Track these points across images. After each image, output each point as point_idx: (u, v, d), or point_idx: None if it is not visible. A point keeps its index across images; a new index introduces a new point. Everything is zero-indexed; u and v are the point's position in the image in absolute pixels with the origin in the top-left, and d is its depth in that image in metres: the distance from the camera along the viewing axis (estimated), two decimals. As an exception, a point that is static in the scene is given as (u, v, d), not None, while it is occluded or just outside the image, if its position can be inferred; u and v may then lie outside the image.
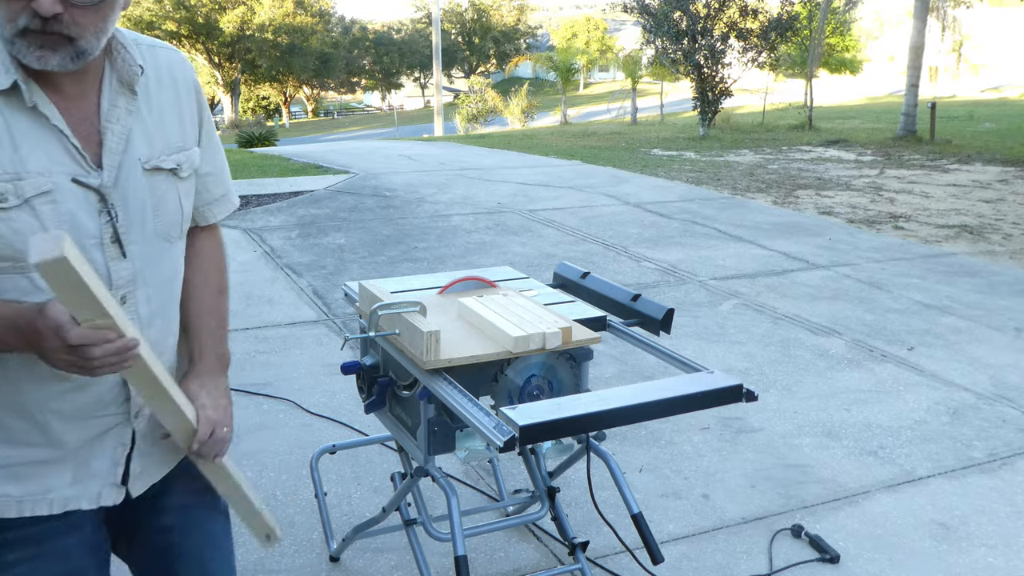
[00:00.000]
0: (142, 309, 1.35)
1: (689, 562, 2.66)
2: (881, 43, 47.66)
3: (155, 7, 41.78)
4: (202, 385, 1.47)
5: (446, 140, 19.49)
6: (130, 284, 1.33)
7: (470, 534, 2.21)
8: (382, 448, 3.30)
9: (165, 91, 1.38)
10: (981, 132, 18.72)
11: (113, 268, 1.30)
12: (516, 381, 1.92)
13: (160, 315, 1.39)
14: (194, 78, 1.45)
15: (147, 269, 1.35)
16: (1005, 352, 4.61)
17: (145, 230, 1.33)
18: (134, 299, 1.34)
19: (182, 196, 1.40)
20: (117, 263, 1.30)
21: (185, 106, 1.41)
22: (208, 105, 1.51)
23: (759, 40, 19.15)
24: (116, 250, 1.29)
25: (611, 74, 58.73)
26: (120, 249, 1.30)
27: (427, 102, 55.62)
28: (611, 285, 2.44)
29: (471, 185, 9.73)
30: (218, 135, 1.54)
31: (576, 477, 2.99)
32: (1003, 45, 41.75)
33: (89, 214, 1.26)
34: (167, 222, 1.37)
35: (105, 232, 1.28)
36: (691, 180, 10.74)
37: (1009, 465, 3.34)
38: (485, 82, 37.15)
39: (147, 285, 1.35)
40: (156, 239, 1.36)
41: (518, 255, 6.50)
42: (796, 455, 3.39)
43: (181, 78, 1.41)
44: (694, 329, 4.90)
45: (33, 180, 1.20)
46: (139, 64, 1.32)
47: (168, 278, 1.41)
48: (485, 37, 60.67)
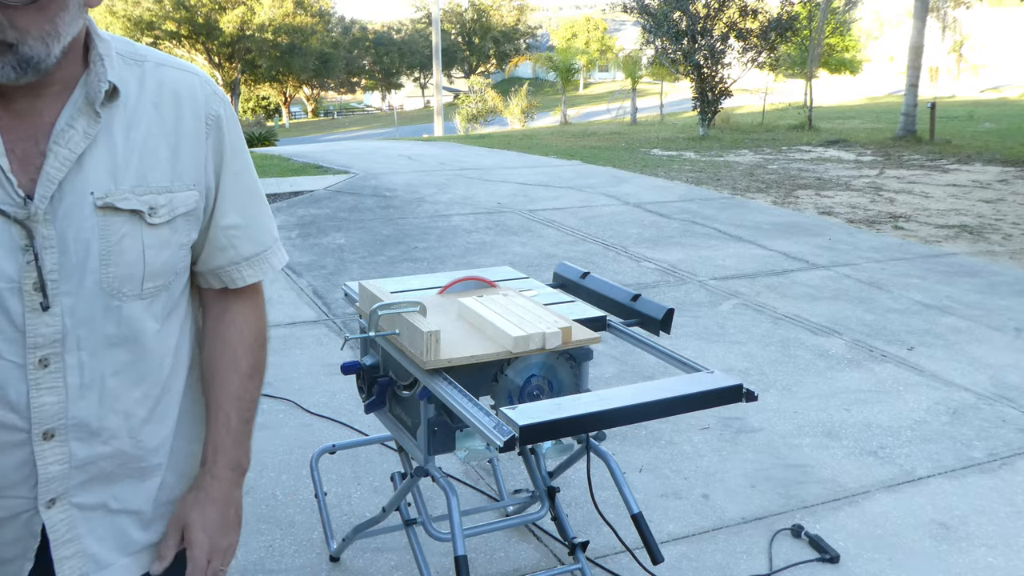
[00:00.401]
0: (71, 378, 1.09)
1: (689, 562, 2.66)
2: (881, 43, 47.68)
3: (155, 7, 41.78)
4: (203, 509, 1.24)
5: (446, 140, 19.49)
6: (55, 344, 1.07)
7: (470, 534, 2.21)
8: (382, 448, 3.30)
9: (161, 118, 1.15)
10: (981, 132, 18.73)
11: (30, 321, 1.05)
12: (516, 381, 1.92)
13: (97, 388, 1.11)
14: (216, 110, 1.20)
15: (83, 329, 1.09)
16: (1005, 352, 4.61)
17: (84, 281, 1.08)
18: (60, 364, 1.08)
19: (148, 246, 1.12)
20: (36, 316, 1.06)
21: (188, 140, 1.17)
22: (241, 144, 1.25)
23: (759, 40, 19.16)
24: (38, 300, 1.06)
25: (611, 74, 58.75)
26: (44, 299, 1.06)
27: (427, 102, 55.64)
28: (611, 285, 2.44)
29: (471, 185, 9.73)
30: (259, 183, 1.30)
31: (576, 477, 2.99)
32: (1003, 45, 41.75)
33: (9, 251, 1.03)
34: (119, 275, 1.10)
35: (27, 276, 1.04)
36: (691, 180, 10.74)
37: (1009, 465, 3.34)
38: (485, 82, 37.14)
39: (81, 349, 1.09)
40: (100, 294, 1.09)
41: (518, 255, 6.50)
42: (796, 455, 3.39)
43: (190, 106, 1.17)
44: (694, 329, 4.90)
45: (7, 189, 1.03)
46: (108, 80, 1.09)
47: (117, 343, 1.12)
48: (485, 37, 60.68)
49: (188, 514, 1.23)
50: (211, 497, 1.24)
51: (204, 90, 1.20)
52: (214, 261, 1.25)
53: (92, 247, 1.07)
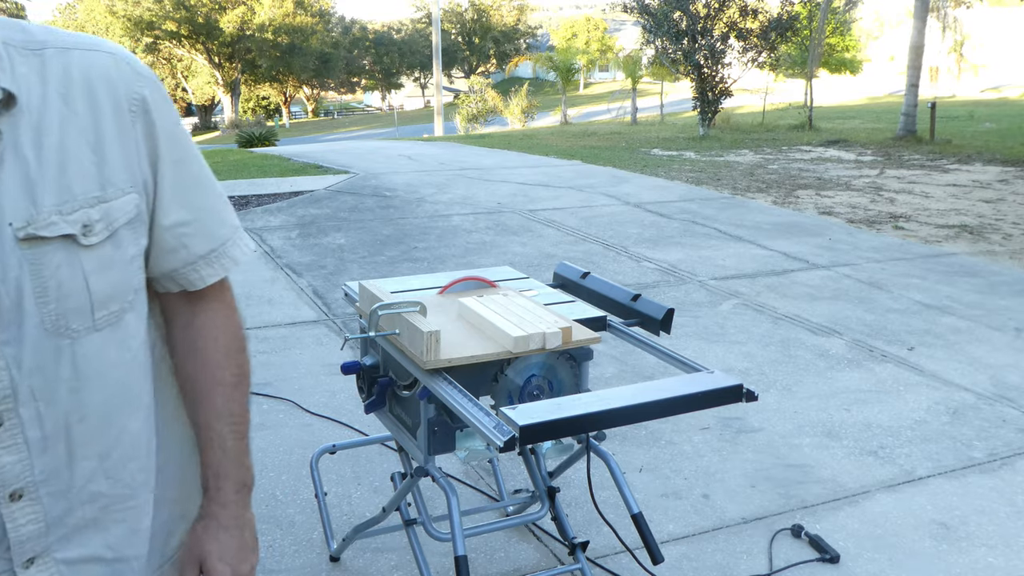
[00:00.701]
0: (30, 432, 0.94)
1: (689, 562, 2.66)
2: (881, 43, 47.67)
3: (155, 7, 41.79)
4: (218, 538, 1.15)
5: (446, 140, 19.48)
6: (6, 400, 0.92)
7: (470, 534, 2.21)
8: (382, 448, 3.30)
9: (75, 114, 0.95)
10: (981, 132, 18.73)
11: None
12: (516, 381, 1.92)
13: (63, 438, 0.97)
14: (139, 91, 1.00)
15: (34, 378, 0.93)
16: (1005, 352, 4.61)
17: (24, 325, 0.92)
18: (15, 420, 0.93)
19: (90, 272, 0.95)
20: None
21: (111, 134, 0.97)
22: (178, 128, 1.05)
23: (759, 40, 19.16)
24: None
25: (611, 74, 58.75)
26: None
27: (427, 102, 55.65)
28: (611, 285, 2.44)
29: (471, 185, 9.73)
30: (206, 168, 1.10)
31: (576, 477, 2.99)
32: (1003, 45, 41.74)
33: None
34: (63, 311, 0.94)
35: None
36: (691, 180, 10.74)
37: (1009, 465, 3.34)
38: (485, 82, 37.14)
39: (37, 400, 0.94)
40: (45, 336, 0.93)
41: (518, 255, 6.50)
42: (796, 455, 3.39)
43: (106, 93, 0.97)
44: (694, 329, 4.90)
45: None
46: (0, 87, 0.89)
47: (78, 387, 0.97)
48: (485, 37, 60.69)
49: (203, 547, 1.13)
50: (223, 524, 1.14)
51: (121, 70, 0.98)
52: (166, 264, 1.07)
53: (24, 286, 0.90)
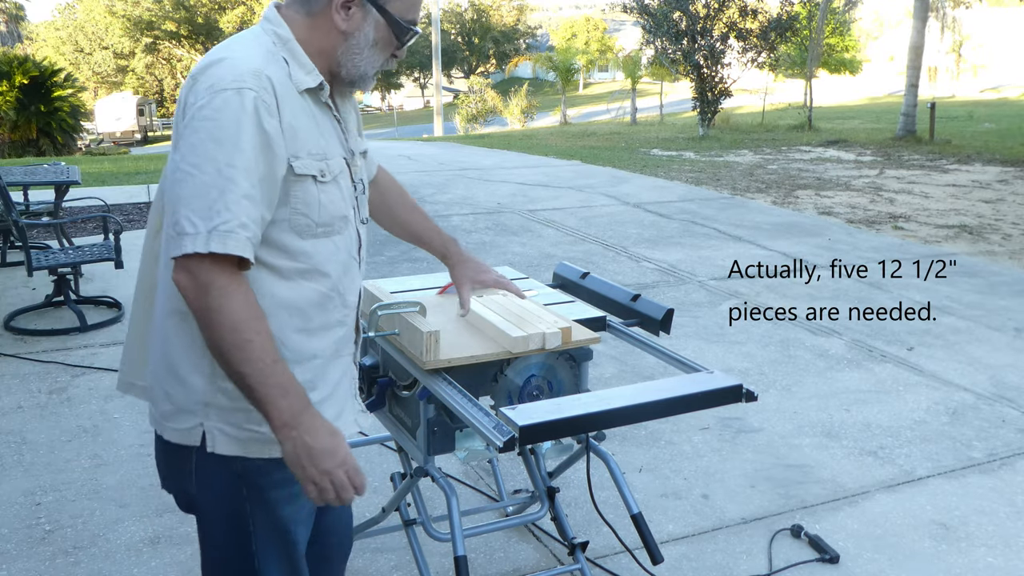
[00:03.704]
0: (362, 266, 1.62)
1: (689, 562, 2.66)
2: (881, 43, 47.67)
3: (155, 7, 41.81)
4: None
5: (446, 140, 19.49)
6: (363, 248, 1.60)
7: (470, 534, 2.21)
8: (382, 448, 3.30)
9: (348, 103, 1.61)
10: (981, 132, 18.73)
11: (361, 232, 1.59)
12: (516, 381, 1.92)
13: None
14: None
15: (365, 237, 1.62)
16: (1005, 352, 4.61)
17: (364, 208, 1.61)
18: (363, 261, 1.61)
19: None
20: (362, 228, 1.59)
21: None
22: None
23: (759, 40, 19.16)
24: (361, 217, 1.58)
25: (611, 74, 58.76)
26: (361, 216, 1.58)
27: (427, 102, 55.61)
28: (611, 285, 2.44)
29: (471, 185, 9.73)
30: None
31: (576, 477, 2.99)
32: (1003, 45, 41.73)
33: (352, 188, 1.55)
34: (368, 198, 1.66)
35: (356, 204, 1.57)
36: (691, 180, 10.74)
37: (1009, 465, 3.34)
38: (485, 82, 37.15)
39: (365, 249, 1.62)
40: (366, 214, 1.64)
41: (518, 255, 6.50)
42: (796, 455, 3.39)
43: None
44: (694, 329, 4.90)
45: (334, 161, 1.47)
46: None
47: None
48: (485, 37, 60.66)
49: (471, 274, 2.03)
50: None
51: None
52: None
53: (364, 182, 1.65)
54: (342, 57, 1.47)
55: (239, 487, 1.48)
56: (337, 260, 1.49)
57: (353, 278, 1.56)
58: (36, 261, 4.71)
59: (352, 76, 1.49)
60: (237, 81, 1.33)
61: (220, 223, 1.29)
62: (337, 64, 1.48)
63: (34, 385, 3.96)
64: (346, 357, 1.59)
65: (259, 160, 1.33)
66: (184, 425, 1.46)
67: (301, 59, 1.43)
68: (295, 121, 1.39)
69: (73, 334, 4.64)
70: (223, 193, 1.29)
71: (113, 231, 5.07)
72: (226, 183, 1.29)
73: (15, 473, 3.14)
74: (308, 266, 1.44)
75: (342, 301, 1.53)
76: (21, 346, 4.47)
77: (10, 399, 3.79)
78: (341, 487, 1.38)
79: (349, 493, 1.39)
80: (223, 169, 1.29)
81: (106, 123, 41.59)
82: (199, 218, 1.29)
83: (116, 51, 46.60)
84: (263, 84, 1.35)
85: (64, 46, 48.19)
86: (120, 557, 2.61)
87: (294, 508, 1.52)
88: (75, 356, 4.32)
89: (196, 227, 1.29)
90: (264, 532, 1.51)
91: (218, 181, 1.29)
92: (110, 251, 4.94)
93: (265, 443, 1.45)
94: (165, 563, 2.58)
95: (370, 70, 1.49)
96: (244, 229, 1.31)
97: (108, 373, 4.09)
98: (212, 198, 1.29)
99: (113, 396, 3.82)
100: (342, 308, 1.53)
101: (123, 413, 3.65)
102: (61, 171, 6.46)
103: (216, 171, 1.29)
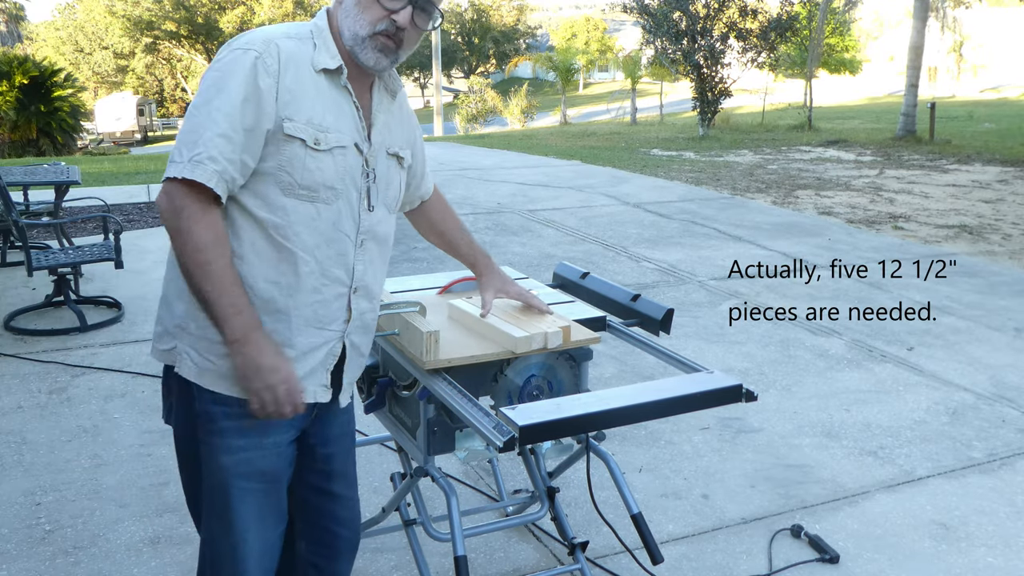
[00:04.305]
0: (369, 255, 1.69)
1: (689, 562, 2.66)
2: (881, 43, 47.66)
3: (155, 7, 41.80)
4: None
5: (446, 140, 19.49)
6: (365, 233, 1.66)
7: (470, 534, 2.21)
8: (382, 448, 3.30)
9: (399, 106, 1.76)
10: (981, 132, 18.73)
11: (363, 217, 1.65)
12: (516, 381, 1.92)
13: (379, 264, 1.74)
14: None
15: (377, 228, 1.69)
16: (1005, 352, 4.61)
17: (377, 198, 1.68)
18: (365, 248, 1.67)
19: (402, 180, 1.77)
20: (365, 214, 1.65)
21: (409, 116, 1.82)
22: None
23: (759, 40, 19.16)
24: (366, 203, 1.65)
25: (611, 74, 58.73)
26: (368, 203, 1.66)
27: (427, 102, 55.60)
28: (611, 285, 2.44)
29: (471, 185, 9.73)
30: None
31: (576, 477, 2.99)
32: (1003, 45, 41.73)
33: (359, 172, 1.63)
34: (391, 196, 1.73)
35: (363, 189, 1.64)
36: (691, 180, 10.74)
37: (1009, 465, 3.34)
38: (485, 82, 37.14)
39: (373, 239, 1.69)
40: (382, 208, 1.70)
41: (518, 255, 6.50)
42: (796, 455, 3.39)
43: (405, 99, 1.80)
44: (694, 329, 4.89)
45: (335, 135, 1.57)
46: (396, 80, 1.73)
47: (391, 241, 1.77)
48: (485, 37, 60.63)
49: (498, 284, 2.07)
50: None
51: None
52: None
53: (383, 178, 1.71)
54: (340, 26, 1.60)
55: (193, 415, 1.62)
56: (316, 228, 1.58)
57: (341, 253, 1.63)
58: (36, 261, 4.71)
59: (350, 43, 1.58)
60: (247, 44, 1.52)
61: (194, 155, 1.46)
62: (342, 40, 1.60)
63: (34, 385, 3.96)
64: (328, 332, 1.64)
65: (245, 110, 1.49)
66: (165, 346, 1.65)
67: (328, 45, 1.59)
68: (297, 89, 1.54)
69: (73, 334, 4.64)
70: (204, 129, 1.47)
71: (113, 231, 5.07)
72: (208, 122, 1.48)
73: (15, 473, 3.14)
74: (284, 222, 1.55)
75: (320, 270, 1.60)
76: (21, 346, 4.47)
77: (10, 399, 3.79)
78: (279, 402, 1.53)
79: (286, 408, 1.55)
80: (212, 112, 1.48)
81: (106, 123, 41.60)
82: (185, 148, 1.48)
83: (116, 51, 46.59)
84: (269, 50, 1.52)
85: (64, 46, 48.20)
86: (120, 557, 2.61)
87: (232, 459, 1.61)
88: (75, 356, 4.32)
89: (181, 156, 1.47)
90: (206, 468, 1.64)
91: (204, 121, 1.48)
92: (110, 251, 4.94)
93: (219, 376, 1.57)
94: (165, 563, 2.58)
95: (359, 30, 1.56)
96: (213, 162, 1.46)
97: (108, 373, 4.09)
98: (197, 133, 1.48)
99: (113, 396, 3.82)
100: (320, 277, 1.60)
101: (123, 413, 3.65)
102: (61, 171, 6.46)
103: (207, 113, 1.48)
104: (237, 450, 1.60)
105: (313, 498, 1.79)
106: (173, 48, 45.84)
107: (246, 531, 1.64)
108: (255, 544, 1.66)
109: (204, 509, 1.66)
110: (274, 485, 1.67)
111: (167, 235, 1.52)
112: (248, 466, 1.62)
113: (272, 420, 1.57)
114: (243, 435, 1.60)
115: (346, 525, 1.85)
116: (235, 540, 1.64)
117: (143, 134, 42.52)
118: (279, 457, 1.66)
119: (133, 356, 4.32)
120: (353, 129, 1.61)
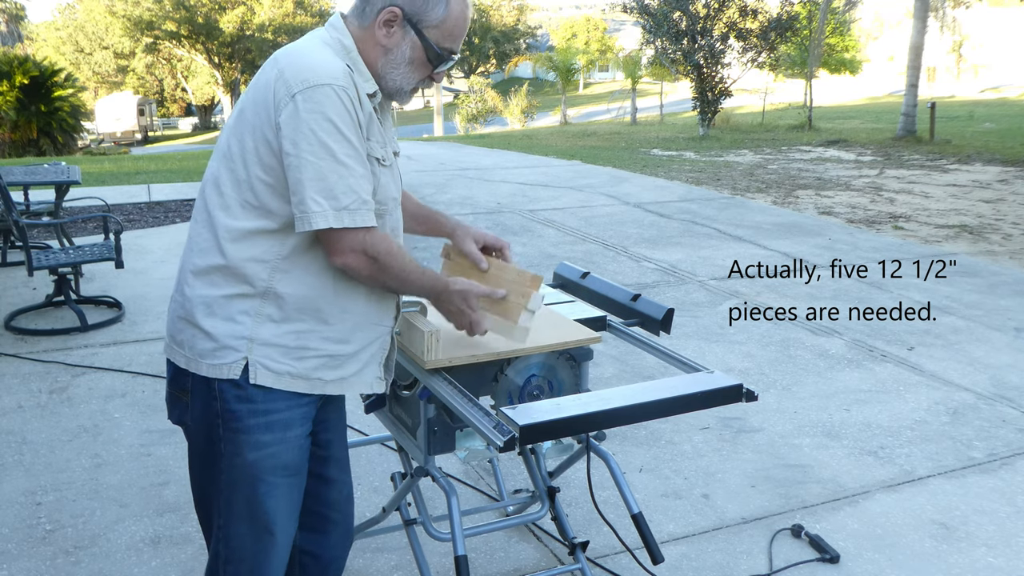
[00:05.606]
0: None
1: (689, 562, 2.66)
2: (881, 43, 47.65)
3: (155, 7, 41.77)
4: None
5: (446, 140, 19.50)
6: (398, 232, 1.78)
7: (470, 534, 2.21)
8: (382, 448, 3.30)
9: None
10: (981, 132, 18.73)
11: (399, 218, 1.78)
12: (516, 381, 1.92)
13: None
14: None
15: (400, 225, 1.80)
16: (1005, 352, 4.61)
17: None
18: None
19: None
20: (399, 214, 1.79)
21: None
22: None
23: (759, 40, 19.16)
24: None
25: (611, 74, 58.74)
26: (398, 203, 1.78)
27: (427, 102, 55.57)
28: (611, 285, 2.44)
29: (471, 185, 9.73)
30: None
31: (576, 477, 2.99)
32: (1003, 45, 41.74)
33: (399, 176, 1.78)
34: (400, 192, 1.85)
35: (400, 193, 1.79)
36: (691, 180, 10.74)
37: (1009, 465, 3.34)
38: (485, 82, 37.14)
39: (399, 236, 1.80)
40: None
41: (518, 255, 6.50)
42: (796, 455, 3.39)
43: None
44: (694, 329, 4.90)
45: (390, 150, 1.69)
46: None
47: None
48: (485, 37, 60.58)
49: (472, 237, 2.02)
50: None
51: None
52: None
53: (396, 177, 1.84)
54: (382, 69, 1.64)
55: (213, 414, 1.63)
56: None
57: None
58: (36, 261, 4.71)
59: (390, 89, 1.66)
60: (331, 78, 1.53)
61: (350, 203, 1.53)
62: (378, 75, 1.65)
63: (34, 385, 3.96)
64: (381, 327, 1.73)
65: (359, 144, 1.56)
66: (225, 360, 1.63)
67: (360, 68, 1.63)
68: (364, 115, 1.60)
69: (73, 334, 4.64)
70: (341, 178, 1.52)
71: (113, 231, 5.07)
72: (342, 169, 1.53)
73: (15, 473, 3.14)
74: None
75: None
76: (22, 346, 4.48)
77: (10, 399, 3.79)
78: (470, 313, 1.76)
79: (476, 316, 1.77)
80: (339, 157, 1.53)
81: (106, 123, 41.62)
82: (334, 199, 1.52)
83: (116, 51, 46.55)
84: (348, 81, 1.55)
85: (64, 46, 48.17)
86: (120, 557, 2.61)
87: (259, 455, 1.64)
88: (75, 356, 4.33)
89: (339, 203, 1.53)
90: (229, 468, 1.65)
91: (335, 167, 1.52)
92: (110, 251, 4.94)
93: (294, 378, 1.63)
94: (165, 563, 2.58)
95: (406, 86, 1.66)
96: (366, 205, 1.56)
97: (108, 373, 4.10)
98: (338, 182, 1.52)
99: (113, 396, 3.82)
100: None
101: (123, 413, 3.65)
102: (61, 171, 6.46)
103: (333, 157, 1.52)
104: (263, 445, 1.63)
105: (309, 484, 1.81)
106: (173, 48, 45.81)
107: (274, 524, 1.68)
108: (281, 538, 1.70)
109: (223, 510, 1.67)
110: (297, 479, 1.72)
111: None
112: (274, 460, 1.65)
113: (298, 413, 1.66)
114: (269, 430, 1.63)
115: (336, 508, 1.90)
116: (263, 536, 1.68)
117: (143, 134, 42.54)
118: (301, 449, 1.70)
119: (133, 356, 4.32)
120: (391, 140, 1.73)
